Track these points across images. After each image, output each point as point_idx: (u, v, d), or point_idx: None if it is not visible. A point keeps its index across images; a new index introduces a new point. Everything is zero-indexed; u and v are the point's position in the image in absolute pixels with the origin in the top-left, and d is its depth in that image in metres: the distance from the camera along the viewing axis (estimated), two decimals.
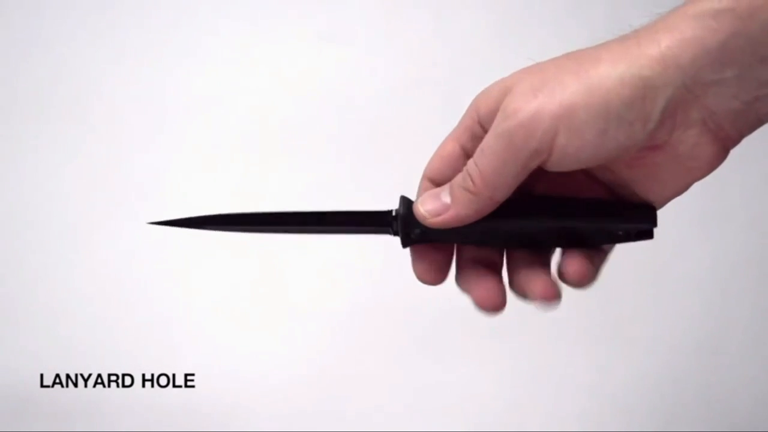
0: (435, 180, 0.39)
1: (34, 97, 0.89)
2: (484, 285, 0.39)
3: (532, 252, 0.39)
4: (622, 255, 0.45)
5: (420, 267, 0.40)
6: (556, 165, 0.33)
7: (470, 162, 0.35)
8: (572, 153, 0.32)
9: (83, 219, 0.88)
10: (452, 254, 0.40)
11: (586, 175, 0.37)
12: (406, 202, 0.39)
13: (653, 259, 0.99)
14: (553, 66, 0.33)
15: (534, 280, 0.39)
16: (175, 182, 0.89)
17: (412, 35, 0.94)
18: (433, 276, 0.40)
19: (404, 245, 0.40)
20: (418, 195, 0.39)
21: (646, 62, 0.31)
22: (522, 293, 0.40)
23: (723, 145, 0.34)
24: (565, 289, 0.42)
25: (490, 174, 0.34)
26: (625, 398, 0.97)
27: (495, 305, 0.39)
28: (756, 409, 0.99)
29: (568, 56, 0.34)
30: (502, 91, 0.34)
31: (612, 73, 0.31)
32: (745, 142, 0.34)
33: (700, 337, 0.99)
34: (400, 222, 0.38)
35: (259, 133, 0.92)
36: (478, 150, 0.34)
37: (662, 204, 0.37)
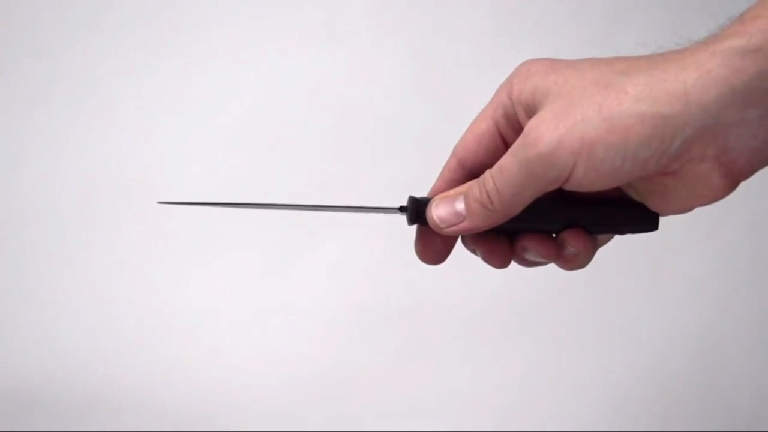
0: (464, 160, 0.39)
1: (34, 97, 0.89)
2: (491, 243, 0.40)
3: None
4: (622, 255, 0.45)
5: (422, 247, 0.41)
6: (572, 188, 0.35)
7: (488, 178, 0.36)
8: (588, 182, 0.34)
9: (83, 219, 0.88)
10: (455, 238, 0.41)
11: None
12: (412, 200, 0.39)
13: (653, 259, 0.99)
14: (580, 86, 0.33)
15: (540, 242, 0.40)
16: (175, 182, 0.89)
17: (412, 35, 0.94)
18: (435, 257, 0.41)
19: (411, 222, 0.40)
20: (442, 174, 0.40)
21: (667, 100, 0.31)
22: (523, 250, 0.41)
23: (734, 179, 0.34)
24: (565, 289, 0.42)
25: (508, 195, 0.35)
26: (625, 398, 0.97)
27: (502, 261, 0.41)
28: (756, 409, 0.99)
29: (597, 75, 0.34)
30: (534, 92, 0.35)
31: (634, 111, 0.32)
32: None
33: (700, 337, 0.99)
34: (411, 215, 0.39)
35: (258, 133, 0.92)
36: (497, 169, 0.35)
37: (663, 216, 0.38)
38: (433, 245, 0.41)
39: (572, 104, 0.33)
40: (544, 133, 0.33)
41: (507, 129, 0.38)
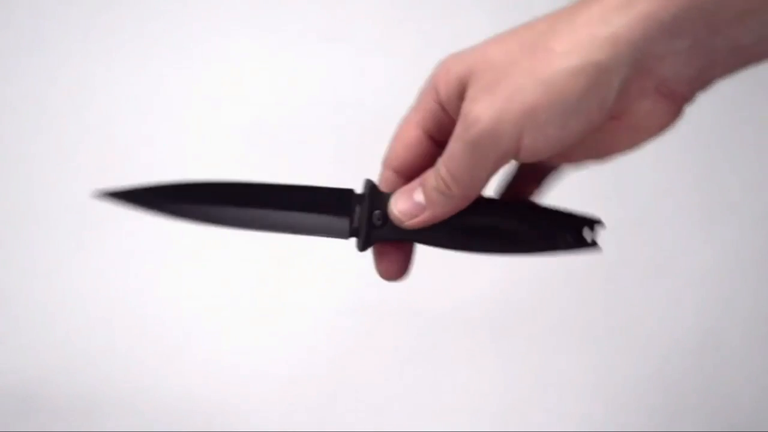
0: (400, 170, 0.38)
1: (33, 97, 0.89)
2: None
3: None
4: (623, 255, 0.45)
5: (385, 265, 0.41)
6: (525, 159, 0.34)
7: (441, 166, 0.35)
8: (539, 149, 0.33)
9: (83, 218, 0.88)
10: (412, 246, 0.41)
11: None
12: (369, 185, 0.39)
13: (653, 258, 0.99)
14: (505, 56, 0.33)
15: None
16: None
17: (413, 36, 0.94)
18: (399, 272, 0.41)
19: (365, 244, 0.39)
20: (382, 186, 0.39)
21: (597, 46, 0.30)
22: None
23: (677, 106, 0.34)
24: (565, 289, 0.42)
25: (463, 178, 0.34)
26: (625, 398, 0.97)
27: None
28: (756, 409, 0.99)
29: (519, 41, 0.33)
30: (460, 78, 0.34)
31: (566, 67, 0.31)
32: (745, 142, 0.34)
33: (701, 337, 0.99)
34: (366, 207, 0.38)
35: (258, 133, 0.92)
36: (447, 155, 0.35)
37: (616, 157, 0.37)
38: (392, 257, 0.40)
39: (502, 76, 0.32)
40: (482, 111, 0.32)
41: (439, 131, 0.37)
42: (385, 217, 0.38)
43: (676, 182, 1.01)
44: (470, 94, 0.33)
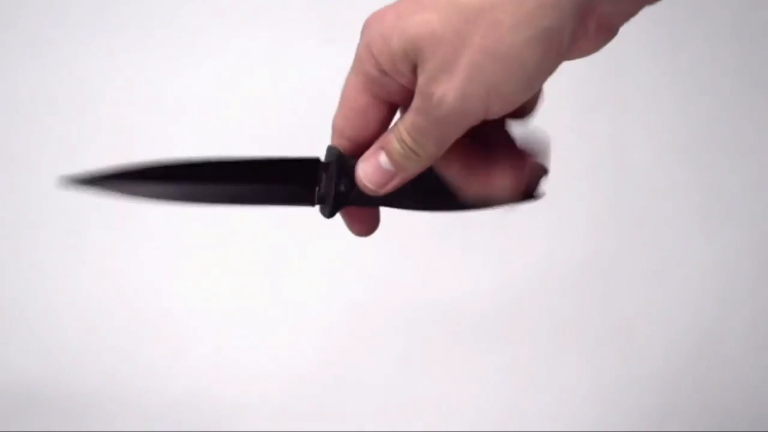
0: (353, 138, 0.38)
1: (33, 96, 0.89)
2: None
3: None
4: (623, 255, 0.45)
5: (358, 226, 0.41)
6: (490, 118, 0.35)
7: (405, 135, 0.35)
8: (504, 110, 0.34)
9: (83, 218, 0.88)
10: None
11: None
12: (334, 153, 0.39)
13: (653, 258, 0.99)
14: (452, 31, 0.33)
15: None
16: None
17: None
18: (372, 228, 0.42)
19: (332, 211, 0.39)
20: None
21: (543, 11, 0.31)
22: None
23: (614, 31, 0.35)
24: (565, 289, 0.42)
25: (431, 145, 0.35)
26: (624, 398, 0.97)
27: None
28: (756, 409, 0.99)
29: (458, 12, 0.33)
30: (405, 52, 0.34)
31: (519, 39, 0.32)
32: (745, 142, 0.34)
33: (700, 337, 0.99)
34: (333, 174, 0.38)
35: (258, 134, 0.91)
36: (411, 125, 0.35)
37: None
38: (364, 217, 0.41)
39: (455, 53, 0.32)
40: (446, 92, 0.33)
41: (386, 93, 0.37)
42: (352, 183, 0.38)
43: (675, 183, 1.01)
44: (426, 72, 0.33)
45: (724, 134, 1.02)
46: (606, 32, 0.34)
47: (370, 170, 0.37)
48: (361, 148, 0.38)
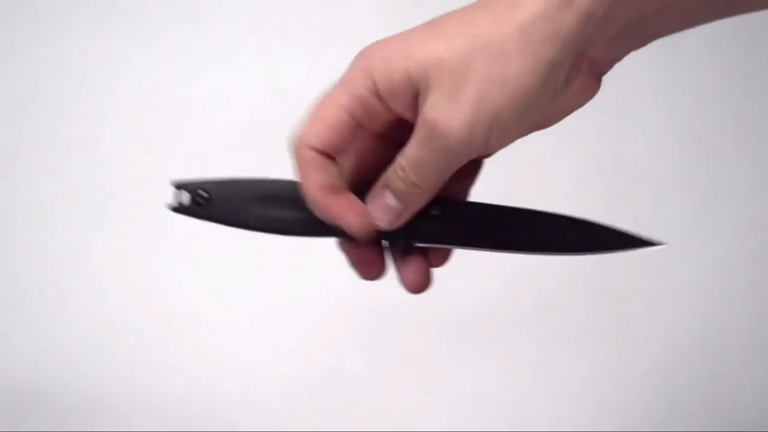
0: (319, 149, 0.38)
1: (33, 96, 0.89)
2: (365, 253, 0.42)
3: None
4: (621, 256, 0.45)
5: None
6: (488, 153, 0.37)
7: (408, 170, 0.36)
8: (502, 144, 0.36)
9: (83, 219, 0.88)
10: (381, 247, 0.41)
11: None
12: None
13: (653, 259, 0.99)
14: (460, 60, 0.33)
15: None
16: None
17: None
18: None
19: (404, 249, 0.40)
20: (302, 168, 0.38)
21: (547, 44, 0.33)
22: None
23: (599, 79, 0.37)
24: (565, 290, 0.42)
25: (434, 179, 0.36)
26: (625, 398, 0.97)
27: (378, 272, 0.42)
28: (756, 409, 0.99)
29: (467, 41, 0.34)
30: (410, 79, 0.34)
31: (524, 70, 0.33)
32: (745, 142, 0.34)
33: (700, 338, 0.99)
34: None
35: (258, 134, 0.91)
36: (413, 160, 0.36)
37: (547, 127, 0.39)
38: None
39: (461, 81, 0.33)
40: (453, 120, 0.33)
41: (368, 119, 0.37)
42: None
43: (675, 183, 1.01)
44: (430, 100, 0.34)
45: (724, 134, 1.02)
46: (594, 77, 0.36)
47: (378, 210, 0.38)
48: (330, 161, 0.38)
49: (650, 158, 1.01)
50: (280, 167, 0.41)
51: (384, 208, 0.38)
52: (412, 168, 0.36)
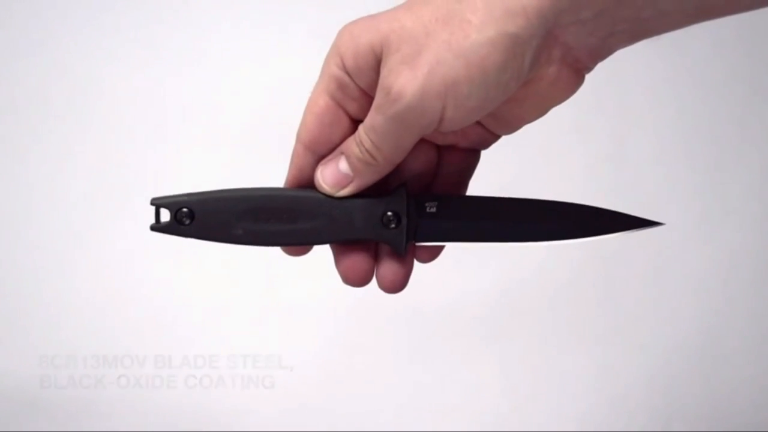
0: (311, 143, 0.38)
1: (34, 97, 0.89)
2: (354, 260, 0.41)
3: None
4: (623, 255, 0.45)
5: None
6: (446, 128, 0.35)
7: (364, 137, 0.35)
8: (459, 119, 0.34)
9: (83, 219, 0.88)
10: (374, 250, 0.41)
11: None
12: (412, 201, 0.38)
13: (653, 259, 0.99)
14: (421, 27, 0.33)
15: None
16: (173, 182, 0.89)
17: None
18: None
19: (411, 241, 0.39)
20: (293, 162, 0.39)
21: (510, 18, 0.32)
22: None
23: (580, 74, 0.35)
24: (566, 290, 0.42)
25: (387, 148, 0.35)
26: (626, 398, 0.97)
27: (364, 279, 0.42)
28: (756, 409, 0.99)
29: (432, 11, 0.33)
30: (372, 47, 0.34)
31: (483, 39, 0.32)
32: (745, 142, 0.34)
33: (700, 338, 0.99)
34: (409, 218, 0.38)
35: (257, 134, 0.91)
36: (369, 127, 0.35)
37: (522, 126, 0.38)
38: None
39: (420, 48, 0.33)
40: (405, 84, 0.33)
41: (346, 100, 0.37)
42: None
43: (675, 183, 1.01)
44: (389, 65, 0.34)
45: (725, 134, 1.02)
46: (572, 70, 0.35)
47: (327, 173, 0.37)
48: (316, 158, 0.38)
49: (650, 158, 1.01)
50: (280, 167, 0.41)
51: (332, 173, 0.37)
52: (367, 134, 0.35)
